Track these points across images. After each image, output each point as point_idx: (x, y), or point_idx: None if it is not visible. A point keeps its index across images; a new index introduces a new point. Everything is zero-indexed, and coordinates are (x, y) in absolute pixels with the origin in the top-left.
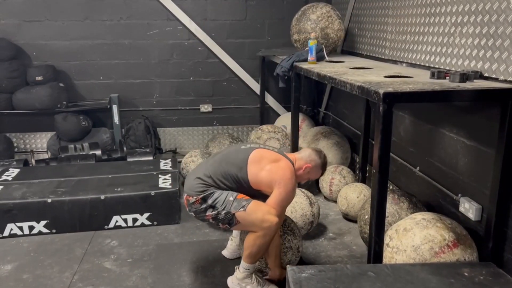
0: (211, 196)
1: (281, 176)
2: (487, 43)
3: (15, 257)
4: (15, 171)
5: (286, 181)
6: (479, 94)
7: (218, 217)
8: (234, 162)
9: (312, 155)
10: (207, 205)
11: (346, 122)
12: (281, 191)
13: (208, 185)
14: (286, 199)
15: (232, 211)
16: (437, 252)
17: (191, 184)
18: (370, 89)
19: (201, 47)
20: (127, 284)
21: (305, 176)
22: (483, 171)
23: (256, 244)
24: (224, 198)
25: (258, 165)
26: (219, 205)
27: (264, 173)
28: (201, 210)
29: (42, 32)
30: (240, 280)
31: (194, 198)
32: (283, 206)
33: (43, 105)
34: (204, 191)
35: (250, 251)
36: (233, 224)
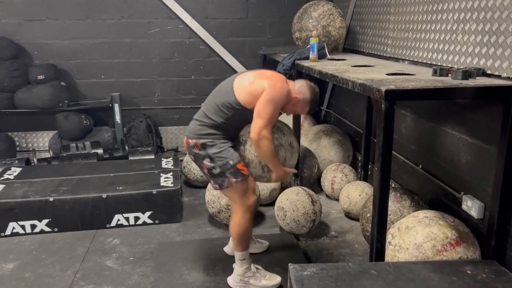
0: (210, 146)
1: (269, 80)
2: (489, 40)
3: (17, 256)
4: (17, 170)
5: (274, 82)
6: (481, 91)
7: (212, 171)
8: (222, 91)
9: (303, 87)
10: (206, 154)
11: (347, 120)
12: (270, 90)
13: (204, 124)
14: (275, 99)
15: (226, 174)
16: (440, 250)
17: (190, 126)
18: (372, 86)
19: (202, 46)
20: (128, 283)
21: (290, 108)
22: (485, 169)
23: (241, 224)
24: (224, 158)
25: (243, 82)
26: (217, 161)
27: (250, 85)
28: (199, 156)
29: (43, 31)
30: (241, 275)
31: (193, 141)
32: (271, 108)
33: (45, 104)
34: (203, 134)
35: (237, 233)
36: (224, 187)
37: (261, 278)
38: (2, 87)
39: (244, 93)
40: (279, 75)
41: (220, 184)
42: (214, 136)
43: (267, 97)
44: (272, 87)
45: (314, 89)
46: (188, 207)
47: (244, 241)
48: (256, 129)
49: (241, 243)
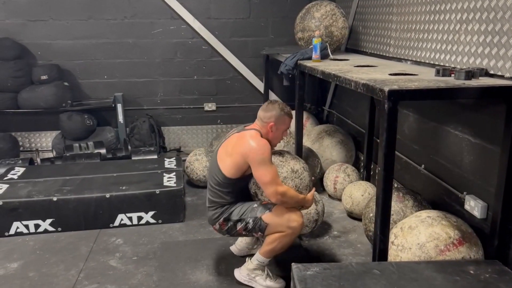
0: (232, 213)
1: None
2: (492, 40)
3: (21, 255)
4: (21, 170)
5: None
6: (484, 91)
7: (247, 227)
8: (211, 170)
9: (266, 115)
10: (234, 222)
11: (350, 120)
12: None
13: (215, 207)
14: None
15: (258, 215)
16: (442, 250)
17: (208, 216)
18: (375, 86)
19: (205, 46)
20: (132, 282)
21: (278, 134)
22: (488, 168)
23: (282, 242)
24: (247, 207)
25: (224, 158)
26: (246, 215)
27: (231, 159)
28: (231, 228)
29: (47, 32)
30: (250, 270)
31: (217, 225)
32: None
33: (48, 104)
34: (219, 214)
35: (273, 247)
36: (264, 228)
37: (267, 279)
38: (5, 87)
39: (230, 168)
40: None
41: (261, 230)
42: (228, 210)
43: (256, 163)
44: (253, 152)
45: (270, 104)
46: (191, 207)
47: (274, 253)
48: (272, 195)
49: (270, 253)
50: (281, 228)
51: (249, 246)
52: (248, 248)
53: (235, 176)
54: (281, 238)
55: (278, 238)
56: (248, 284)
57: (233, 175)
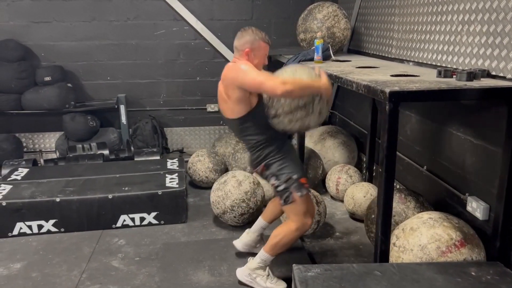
0: (272, 163)
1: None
2: (494, 41)
3: (24, 256)
4: (24, 171)
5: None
6: (486, 92)
7: (278, 188)
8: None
9: (240, 43)
10: (271, 173)
11: (352, 122)
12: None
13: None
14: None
15: (291, 189)
16: (444, 251)
17: (250, 160)
18: (376, 88)
19: (208, 47)
20: (134, 283)
21: (256, 60)
22: (490, 170)
23: (286, 236)
24: (287, 173)
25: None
26: (282, 177)
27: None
28: (267, 177)
29: (50, 33)
30: (252, 270)
31: (259, 168)
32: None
33: (52, 105)
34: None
35: (277, 241)
36: (288, 202)
37: (268, 280)
38: (9, 89)
39: (234, 108)
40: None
41: (285, 200)
42: (271, 154)
43: (242, 76)
44: (234, 70)
45: (244, 31)
46: (193, 207)
47: (278, 250)
48: (275, 87)
49: (274, 249)
50: (295, 217)
51: (253, 243)
52: (252, 246)
53: (244, 112)
54: (287, 232)
55: (284, 232)
56: (249, 285)
57: (241, 111)
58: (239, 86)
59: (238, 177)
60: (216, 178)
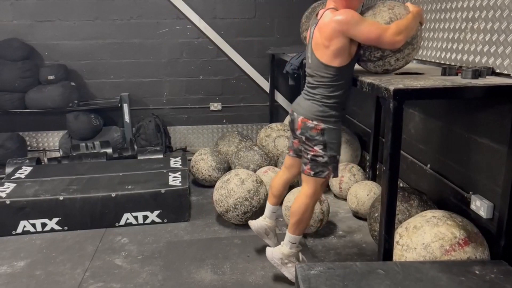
0: (330, 133)
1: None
2: (499, 38)
3: (28, 254)
4: (28, 169)
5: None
6: (491, 90)
7: (318, 159)
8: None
9: None
10: (323, 140)
11: (356, 120)
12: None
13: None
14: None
15: (329, 167)
16: (448, 250)
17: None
18: (380, 85)
19: (211, 46)
20: (137, 281)
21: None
22: (495, 168)
23: (306, 204)
24: (335, 150)
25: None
26: (329, 151)
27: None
28: (313, 140)
29: (54, 32)
30: (285, 256)
31: (313, 123)
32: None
33: (55, 104)
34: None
35: (299, 213)
36: (320, 176)
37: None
38: (13, 88)
39: (329, 56)
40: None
41: (316, 172)
42: (334, 119)
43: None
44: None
45: None
46: (196, 206)
47: (301, 223)
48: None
49: (298, 225)
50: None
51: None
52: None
53: (345, 62)
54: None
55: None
56: (277, 267)
57: (342, 60)
58: (350, 37)
59: (241, 176)
60: (219, 177)
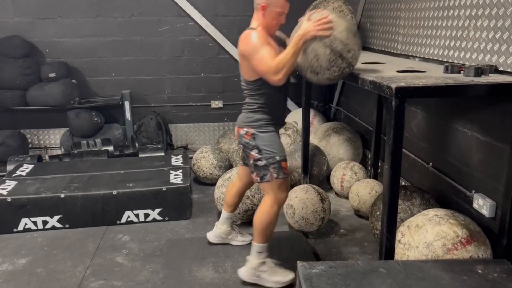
0: (258, 136)
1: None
2: (502, 36)
3: (29, 251)
4: (29, 167)
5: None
6: (494, 88)
7: (258, 163)
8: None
9: None
10: (255, 145)
11: (357, 118)
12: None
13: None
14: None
15: (270, 169)
16: (450, 248)
17: (240, 116)
18: (382, 83)
19: (212, 43)
20: (138, 279)
21: (273, 17)
22: (497, 167)
23: (268, 213)
24: (272, 152)
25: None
26: (265, 154)
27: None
28: (248, 146)
29: (55, 30)
30: (255, 268)
31: (244, 130)
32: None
33: (56, 102)
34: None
35: (261, 223)
36: (265, 180)
37: (274, 274)
38: (15, 85)
39: (244, 69)
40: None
41: (261, 177)
42: (262, 122)
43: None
44: (244, 43)
45: None
46: (197, 204)
47: (266, 233)
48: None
49: (262, 234)
50: (272, 192)
51: (224, 235)
52: (222, 237)
53: (250, 77)
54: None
55: (262, 212)
56: (257, 283)
57: (250, 76)
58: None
59: None
60: (220, 175)
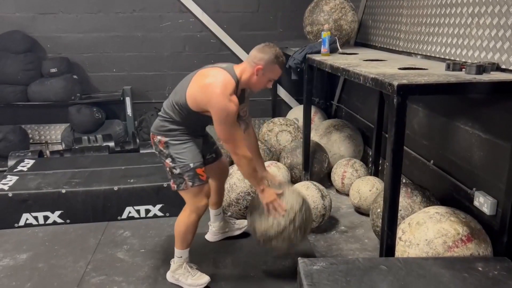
0: (174, 146)
1: (210, 96)
2: (504, 34)
3: (31, 247)
4: (30, 162)
5: (215, 99)
6: (495, 86)
7: (173, 171)
8: (178, 89)
9: (257, 55)
10: (169, 154)
11: (359, 115)
12: (215, 112)
13: (167, 121)
14: (224, 118)
15: (185, 177)
16: (451, 246)
17: (155, 122)
18: (384, 81)
19: (214, 39)
20: (139, 274)
21: (263, 80)
22: (499, 164)
23: (185, 223)
24: (185, 160)
25: (195, 87)
26: (178, 162)
27: (196, 95)
28: (163, 154)
29: (57, 25)
30: (173, 272)
31: (158, 138)
32: (226, 126)
33: (58, 97)
34: (165, 131)
35: (179, 231)
36: (180, 188)
37: (188, 277)
38: (16, 80)
39: (192, 98)
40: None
41: (177, 185)
42: (176, 133)
43: (216, 119)
44: (215, 107)
45: (267, 46)
46: None
47: (184, 240)
48: (230, 151)
49: (180, 241)
50: (189, 200)
51: (221, 230)
52: (221, 233)
53: (192, 107)
54: (183, 219)
55: (180, 221)
56: (178, 285)
57: (192, 106)
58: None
59: None
60: None
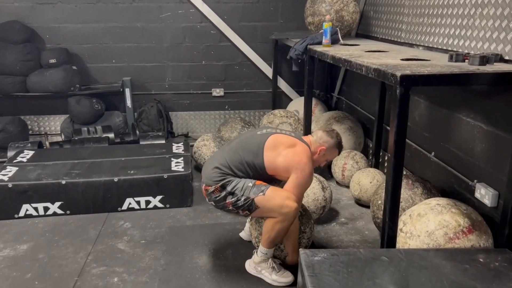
0: (229, 183)
1: (298, 161)
2: (508, 25)
3: (31, 237)
4: (30, 153)
5: (303, 166)
6: (499, 77)
7: (237, 203)
8: (250, 149)
9: (324, 137)
10: (227, 192)
11: (359, 107)
12: (299, 175)
13: (225, 174)
14: (303, 183)
15: (251, 196)
16: (452, 237)
17: (209, 173)
18: (387, 71)
19: (214, 31)
20: (140, 265)
21: (322, 159)
22: (500, 156)
23: (275, 229)
24: (242, 185)
25: (275, 151)
26: (238, 191)
27: (280, 159)
28: (220, 198)
29: (55, 15)
30: (257, 264)
31: (213, 187)
32: (301, 191)
33: (57, 88)
34: (222, 179)
35: (269, 236)
36: (253, 209)
37: (273, 272)
38: (15, 71)
39: (273, 163)
40: (307, 152)
41: (248, 210)
42: (231, 177)
43: (296, 182)
44: (301, 172)
45: (333, 132)
46: (198, 192)
47: (273, 242)
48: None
49: (270, 243)
50: (272, 214)
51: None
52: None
53: (270, 172)
54: (274, 225)
55: (272, 226)
56: (258, 276)
57: (269, 170)
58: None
59: None
60: None
